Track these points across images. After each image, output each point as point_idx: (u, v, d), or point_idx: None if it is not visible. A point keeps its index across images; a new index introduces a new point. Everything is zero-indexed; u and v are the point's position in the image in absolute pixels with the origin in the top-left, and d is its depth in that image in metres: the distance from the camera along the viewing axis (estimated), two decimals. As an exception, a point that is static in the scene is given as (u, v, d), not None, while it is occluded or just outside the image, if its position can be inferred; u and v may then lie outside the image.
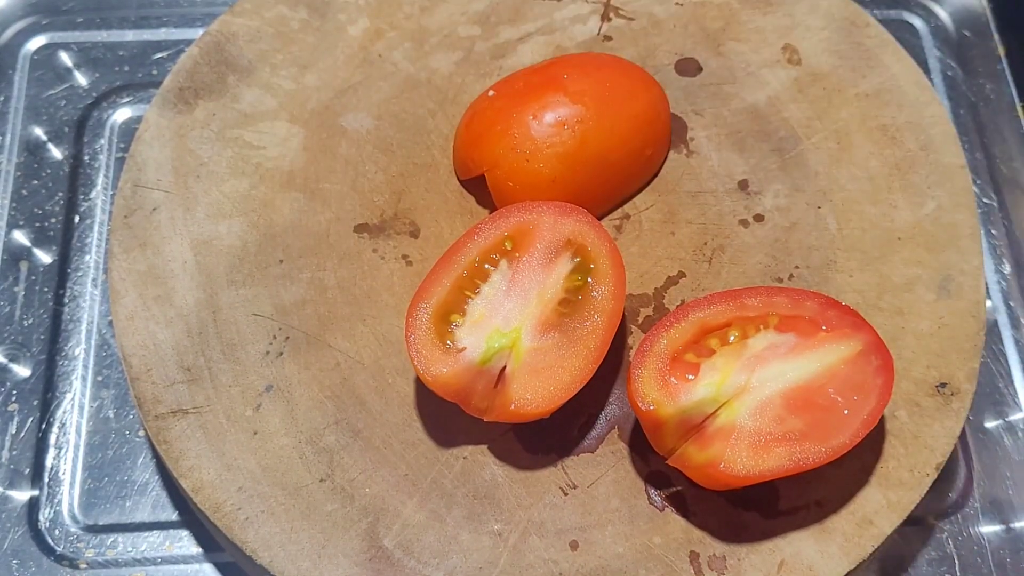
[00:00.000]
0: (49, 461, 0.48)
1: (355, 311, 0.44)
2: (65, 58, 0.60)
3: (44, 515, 0.47)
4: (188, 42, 0.51)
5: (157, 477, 0.48)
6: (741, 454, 0.37)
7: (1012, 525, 0.48)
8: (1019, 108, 0.60)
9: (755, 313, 0.40)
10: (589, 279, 0.40)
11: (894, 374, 0.40)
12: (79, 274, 0.53)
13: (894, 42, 0.51)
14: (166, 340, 0.43)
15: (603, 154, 0.45)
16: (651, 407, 0.38)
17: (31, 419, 0.49)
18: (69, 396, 0.50)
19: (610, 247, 0.41)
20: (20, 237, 0.54)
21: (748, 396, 0.39)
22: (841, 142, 0.48)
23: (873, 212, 0.47)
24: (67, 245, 0.54)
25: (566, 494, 0.40)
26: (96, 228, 0.54)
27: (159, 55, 0.60)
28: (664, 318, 0.40)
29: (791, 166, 0.48)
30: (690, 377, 0.39)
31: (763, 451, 0.37)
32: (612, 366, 0.43)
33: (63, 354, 0.51)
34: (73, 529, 0.47)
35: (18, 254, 0.54)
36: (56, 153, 0.57)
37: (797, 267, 0.45)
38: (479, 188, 0.47)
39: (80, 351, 0.51)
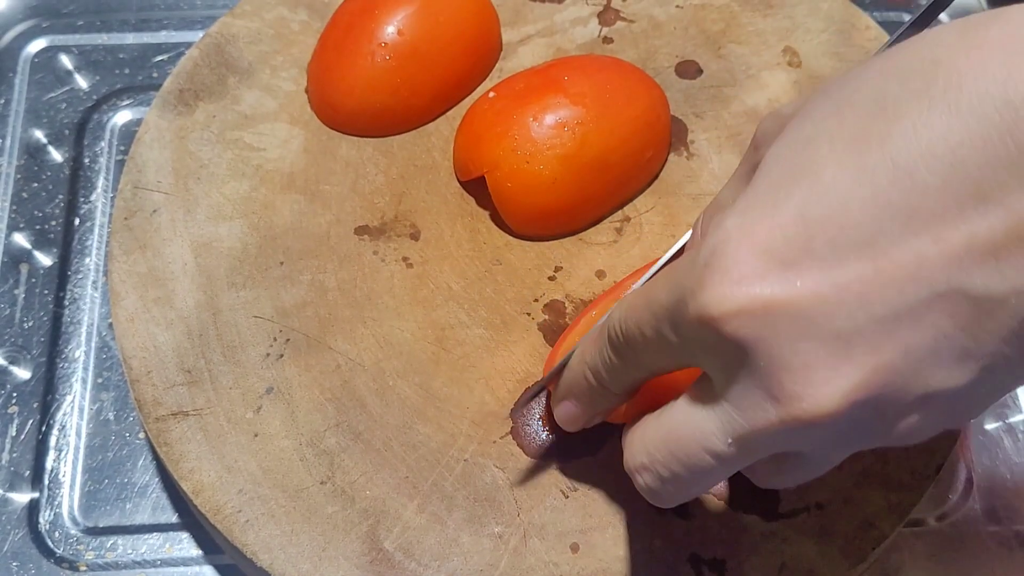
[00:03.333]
0: (49, 463, 0.48)
1: (356, 313, 0.44)
2: (65, 61, 0.60)
3: (44, 517, 0.47)
4: (188, 45, 0.51)
5: (157, 479, 0.48)
6: None
7: (1013, 527, 0.48)
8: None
9: None
10: None
11: None
12: (79, 276, 0.53)
13: (894, 44, 0.51)
14: (166, 342, 0.43)
15: (603, 156, 0.45)
16: None
17: (31, 421, 0.49)
18: (69, 398, 0.50)
19: None
20: (20, 239, 0.54)
21: None
22: (841, 144, 0.48)
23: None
24: (67, 247, 0.54)
25: (567, 497, 0.40)
26: (96, 230, 0.54)
27: (159, 58, 0.60)
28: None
29: (791, 168, 0.48)
30: None
31: None
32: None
33: (63, 356, 0.51)
34: (73, 531, 0.47)
35: (18, 256, 0.54)
36: (56, 156, 0.57)
37: (797, 269, 0.45)
38: (479, 190, 0.47)
39: (80, 353, 0.51)
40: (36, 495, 0.48)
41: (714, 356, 0.27)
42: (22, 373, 0.50)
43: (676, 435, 0.29)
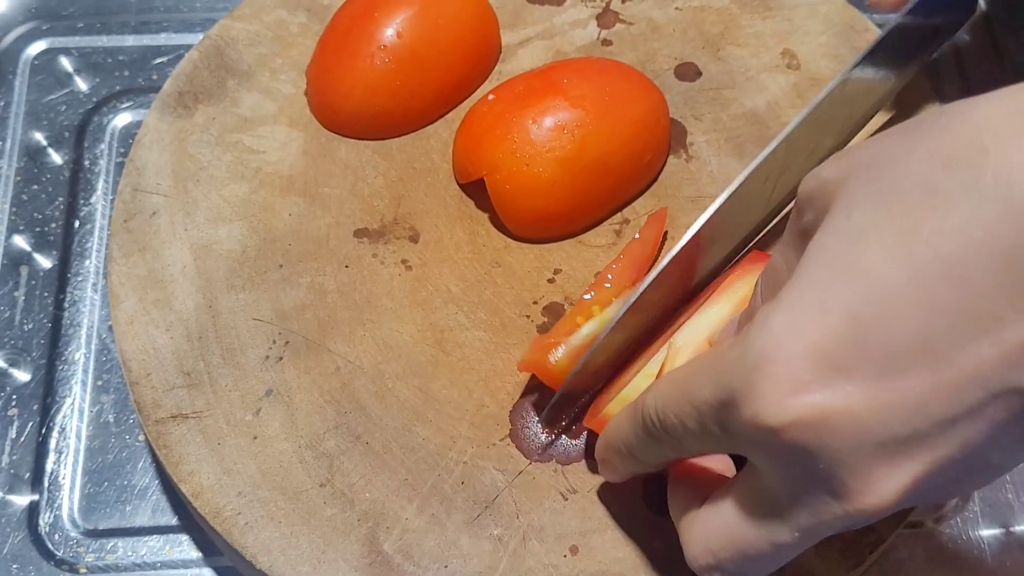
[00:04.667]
0: (49, 466, 0.48)
1: (355, 316, 0.44)
2: (65, 63, 0.60)
3: (44, 519, 0.47)
4: (188, 47, 0.51)
5: (157, 481, 0.48)
6: None
7: (1012, 528, 0.48)
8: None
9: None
10: None
11: None
12: (79, 279, 0.53)
13: (893, 46, 0.51)
14: (166, 344, 0.43)
15: (602, 159, 0.45)
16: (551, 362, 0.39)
17: (31, 424, 0.49)
18: (69, 401, 0.50)
19: None
20: (20, 242, 0.54)
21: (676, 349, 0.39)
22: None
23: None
24: (67, 250, 0.54)
25: (566, 499, 0.40)
26: (96, 233, 0.54)
27: (159, 60, 0.60)
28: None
29: (790, 170, 0.48)
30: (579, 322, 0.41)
31: None
32: (612, 370, 0.43)
33: (63, 359, 0.51)
34: (73, 533, 0.47)
35: (18, 259, 0.54)
36: (56, 158, 0.57)
37: (796, 271, 0.45)
38: (479, 192, 0.47)
39: (80, 356, 0.51)
40: (36, 497, 0.48)
41: (768, 456, 0.27)
42: (22, 375, 0.50)
43: (741, 536, 0.29)
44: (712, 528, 0.30)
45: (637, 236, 0.44)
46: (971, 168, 0.24)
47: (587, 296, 0.42)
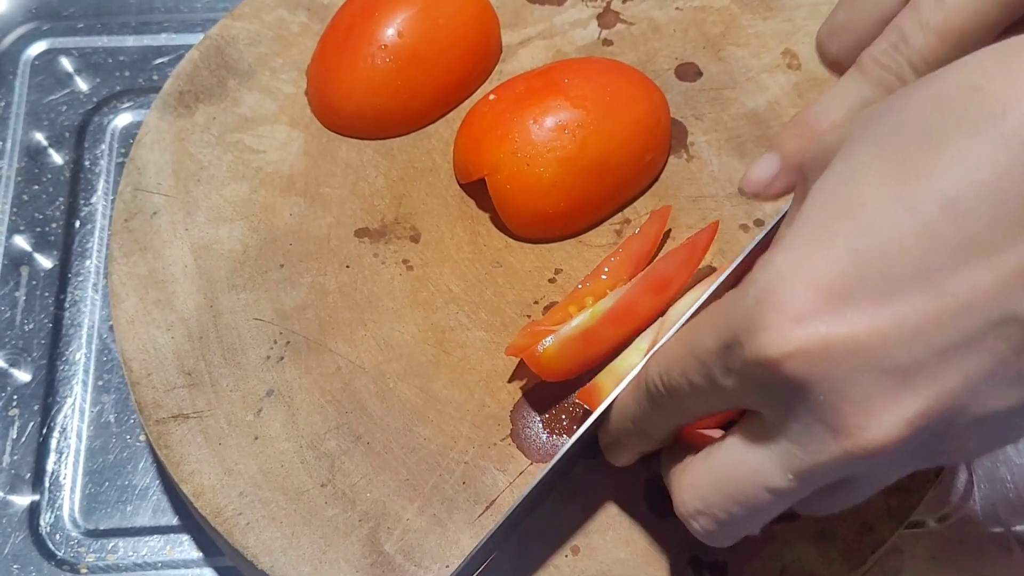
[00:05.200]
0: (50, 466, 0.48)
1: (356, 316, 0.44)
2: (66, 63, 0.60)
3: (45, 520, 0.47)
4: (189, 47, 0.51)
5: (158, 482, 0.48)
6: None
7: (1013, 529, 0.48)
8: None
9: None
10: None
11: None
12: (80, 279, 0.53)
13: (894, 46, 0.51)
14: (166, 344, 0.43)
15: (603, 158, 0.45)
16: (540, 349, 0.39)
17: (32, 424, 0.49)
18: (70, 401, 0.50)
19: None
20: (21, 242, 0.54)
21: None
22: (841, 146, 0.48)
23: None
24: (68, 250, 0.54)
25: (567, 500, 0.40)
26: (97, 233, 0.54)
27: (160, 60, 0.60)
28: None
29: (791, 170, 0.48)
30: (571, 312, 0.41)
31: None
32: (613, 370, 0.43)
33: (64, 359, 0.51)
34: (74, 534, 0.47)
35: (19, 259, 0.54)
36: (57, 158, 0.57)
37: (797, 271, 0.45)
38: (480, 192, 0.47)
39: (81, 356, 0.51)
40: (37, 497, 0.48)
41: (770, 396, 0.27)
42: (23, 375, 0.50)
43: (732, 477, 0.29)
44: (702, 473, 0.30)
45: (638, 231, 0.44)
46: (965, 105, 0.25)
47: (581, 287, 0.42)
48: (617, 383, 0.35)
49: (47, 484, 0.48)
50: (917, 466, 0.28)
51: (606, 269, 0.43)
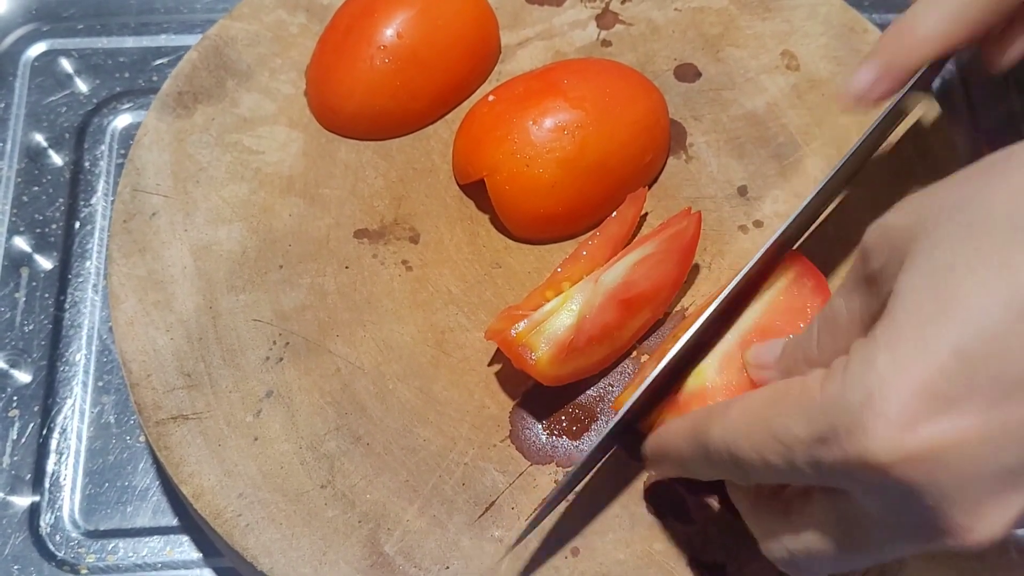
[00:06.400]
0: (50, 467, 0.48)
1: (355, 317, 0.44)
2: (66, 65, 0.60)
3: (45, 520, 0.47)
4: (188, 48, 0.51)
5: (158, 483, 0.48)
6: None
7: (1013, 529, 0.48)
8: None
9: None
10: None
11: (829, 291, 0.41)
12: (80, 280, 0.53)
13: (893, 47, 0.51)
14: (166, 345, 0.43)
15: (603, 159, 0.45)
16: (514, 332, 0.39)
17: (32, 425, 0.49)
18: (70, 402, 0.50)
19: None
20: (21, 243, 0.54)
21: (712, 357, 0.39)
22: (840, 148, 0.48)
23: (871, 218, 0.47)
24: (68, 251, 0.54)
25: (568, 501, 0.40)
26: (97, 234, 0.54)
27: (159, 61, 0.60)
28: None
29: (790, 172, 0.48)
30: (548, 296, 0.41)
31: None
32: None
33: (64, 360, 0.51)
34: (74, 534, 0.47)
35: (19, 260, 0.54)
36: (57, 159, 0.57)
37: (796, 272, 0.45)
38: (479, 193, 0.47)
39: (81, 357, 0.51)
40: (37, 498, 0.48)
41: (870, 492, 0.27)
42: (23, 376, 0.50)
43: (825, 554, 0.30)
44: (793, 538, 0.31)
45: (615, 215, 0.44)
46: None
47: (560, 270, 0.43)
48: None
49: (47, 485, 0.48)
50: None
51: (584, 252, 0.43)
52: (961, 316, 0.25)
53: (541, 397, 0.42)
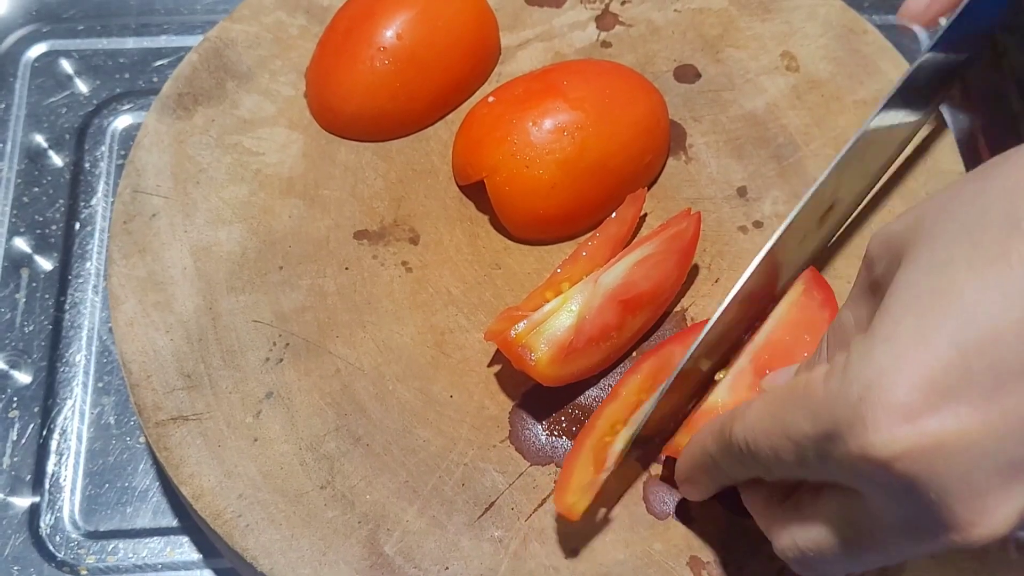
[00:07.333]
0: (50, 467, 0.48)
1: (355, 318, 0.44)
2: (66, 66, 0.60)
3: (45, 521, 0.47)
4: (189, 49, 0.51)
5: (158, 483, 0.48)
6: None
7: (1014, 529, 0.48)
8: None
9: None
10: None
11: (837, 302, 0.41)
12: (80, 281, 0.53)
13: (892, 49, 0.51)
14: (166, 346, 0.43)
15: (602, 160, 0.45)
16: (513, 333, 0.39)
17: (32, 425, 0.49)
18: (70, 402, 0.50)
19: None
20: (21, 244, 0.54)
21: (727, 380, 0.40)
22: (839, 149, 0.48)
23: (871, 218, 0.47)
24: (68, 252, 0.54)
25: (566, 500, 0.40)
26: (97, 235, 0.54)
27: (160, 62, 0.60)
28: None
29: (790, 173, 0.48)
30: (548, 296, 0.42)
31: None
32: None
33: (64, 360, 0.51)
34: (74, 535, 0.47)
35: (19, 261, 0.54)
36: (57, 160, 0.57)
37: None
38: (479, 194, 0.47)
39: (81, 357, 0.51)
40: (37, 499, 0.48)
41: (874, 486, 0.27)
42: (23, 377, 0.50)
43: (835, 553, 0.30)
44: (803, 537, 0.31)
45: (614, 216, 0.44)
46: None
47: (560, 271, 0.43)
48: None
49: (47, 486, 0.48)
50: None
51: (583, 253, 0.43)
52: (959, 308, 0.25)
53: (541, 398, 0.42)
